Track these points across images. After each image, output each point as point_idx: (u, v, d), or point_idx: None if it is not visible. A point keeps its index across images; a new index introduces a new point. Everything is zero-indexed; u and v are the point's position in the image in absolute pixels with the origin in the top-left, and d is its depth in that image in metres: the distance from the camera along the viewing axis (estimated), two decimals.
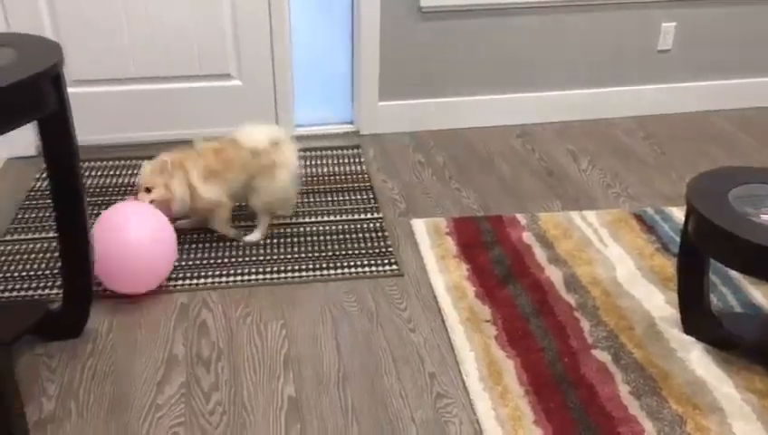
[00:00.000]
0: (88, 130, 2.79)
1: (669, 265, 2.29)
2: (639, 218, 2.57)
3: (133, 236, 2.09)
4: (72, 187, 1.83)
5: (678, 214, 2.57)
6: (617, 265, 2.31)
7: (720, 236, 1.72)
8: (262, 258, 2.36)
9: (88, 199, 2.54)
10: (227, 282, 2.24)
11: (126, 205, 2.20)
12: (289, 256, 2.37)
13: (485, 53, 3.16)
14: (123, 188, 2.75)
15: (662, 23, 3.24)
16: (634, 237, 2.46)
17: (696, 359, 1.92)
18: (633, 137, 3.21)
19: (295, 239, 2.46)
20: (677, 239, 2.34)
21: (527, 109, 3.28)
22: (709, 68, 3.37)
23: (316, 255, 2.38)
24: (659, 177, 2.88)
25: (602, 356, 1.94)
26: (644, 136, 3.22)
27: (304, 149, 3.05)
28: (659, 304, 2.13)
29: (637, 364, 1.91)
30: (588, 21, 3.16)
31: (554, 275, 2.26)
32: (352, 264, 2.34)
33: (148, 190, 2.27)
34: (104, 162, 2.92)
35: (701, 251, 1.86)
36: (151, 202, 2.25)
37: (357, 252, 2.39)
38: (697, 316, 1.99)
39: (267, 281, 2.26)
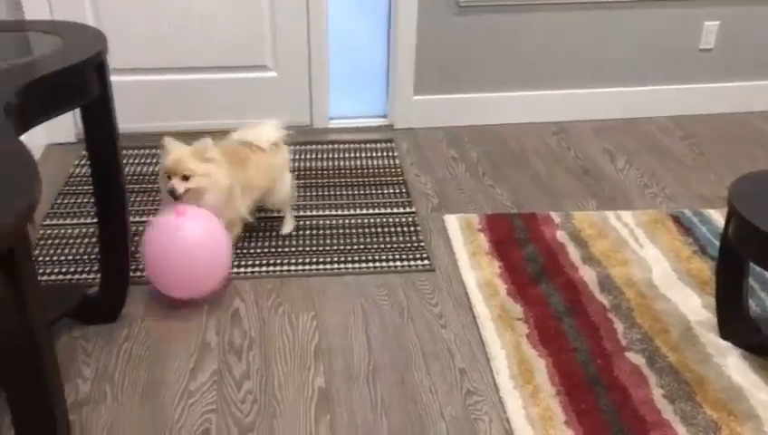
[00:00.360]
0: (127, 118, 2.83)
1: (706, 269, 2.25)
2: (677, 220, 2.52)
3: (195, 249, 2.01)
4: (111, 173, 1.86)
5: (717, 216, 2.52)
6: (653, 267, 2.28)
7: (761, 240, 1.68)
8: (294, 249, 2.37)
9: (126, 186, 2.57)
10: (260, 272, 2.26)
11: (181, 216, 2.02)
12: (321, 248, 2.38)
13: (523, 49, 3.13)
14: (154, 178, 2.78)
15: (705, 21, 3.17)
16: (671, 239, 2.42)
17: (733, 364, 1.89)
18: (672, 136, 3.16)
19: (327, 232, 2.47)
20: (716, 242, 2.30)
21: (564, 106, 3.25)
22: (752, 68, 3.29)
23: (348, 247, 2.38)
24: (698, 178, 2.83)
25: (636, 359, 1.91)
26: (683, 136, 3.16)
27: (337, 142, 3.05)
28: (696, 308, 2.09)
29: (671, 368, 1.88)
30: (629, 18, 3.11)
31: (588, 274, 2.24)
32: (384, 257, 2.34)
33: (186, 178, 2.05)
34: (142, 150, 2.97)
35: (741, 254, 1.83)
36: (185, 191, 2.04)
37: (389, 246, 2.39)
38: (735, 321, 1.95)
39: (299, 272, 2.27)
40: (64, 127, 2.93)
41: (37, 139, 2.86)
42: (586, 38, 3.14)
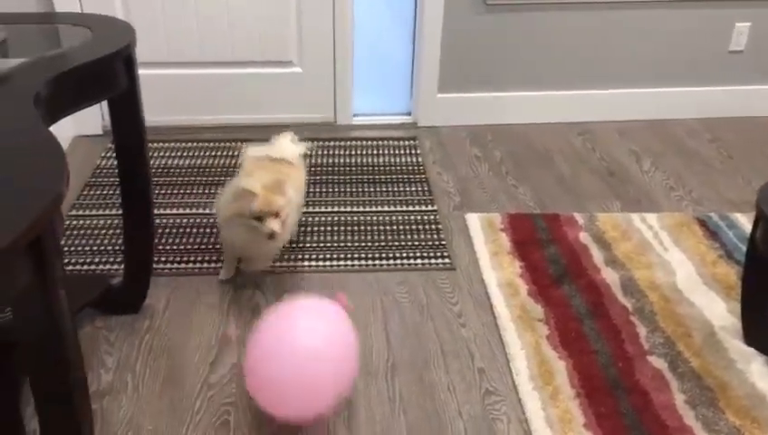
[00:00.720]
0: (153, 111, 2.86)
1: (732, 274, 2.22)
2: (703, 223, 2.49)
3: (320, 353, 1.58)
4: (137, 165, 1.88)
5: (744, 221, 2.48)
6: (677, 271, 2.25)
7: None
8: (315, 245, 2.38)
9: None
10: (280, 267, 2.27)
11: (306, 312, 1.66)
12: (342, 245, 2.38)
13: (549, 49, 3.10)
14: (185, 169, 2.80)
15: (736, 23, 3.12)
16: (696, 243, 2.38)
17: (757, 371, 1.86)
18: (699, 139, 3.11)
19: (349, 228, 2.47)
20: (742, 247, 2.27)
21: (590, 106, 3.22)
22: None
23: (368, 244, 2.38)
24: (725, 181, 2.79)
25: (658, 363, 1.89)
26: (710, 139, 3.12)
27: (361, 139, 3.06)
28: (720, 313, 2.06)
29: (694, 373, 1.85)
30: (657, 18, 3.07)
31: (611, 277, 2.21)
32: (405, 255, 2.33)
33: (278, 215, 1.93)
34: (168, 143, 2.99)
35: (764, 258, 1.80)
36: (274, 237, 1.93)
37: (410, 244, 2.39)
38: (760, 327, 1.92)
39: (320, 268, 2.27)
40: (91, 119, 2.96)
41: (65, 131, 2.90)
42: (614, 38, 3.10)
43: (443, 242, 2.40)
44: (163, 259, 2.27)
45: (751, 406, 1.76)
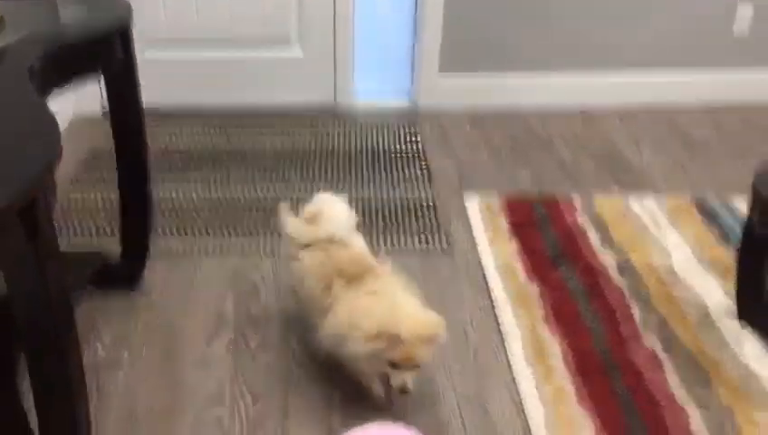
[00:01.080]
0: (150, 93, 2.86)
1: (729, 257, 2.22)
2: (701, 207, 2.49)
3: None
4: (135, 145, 1.89)
5: (742, 204, 2.48)
6: (673, 253, 2.25)
7: None
8: None
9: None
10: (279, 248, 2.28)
11: None
12: None
13: (551, 30, 3.09)
14: (184, 151, 2.81)
15: (738, 6, 3.11)
16: (694, 226, 2.39)
17: (750, 352, 1.86)
18: (700, 124, 3.10)
19: None
20: (740, 231, 2.26)
21: (591, 90, 3.21)
22: None
23: (367, 227, 2.39)
24: (725, 166, 2.78)
25: (652, 343, 1.89)
26: (712, 124, 3.10)
27: (360, 121, 3.05)
28: (716, 295, 2.07)
29: (688, 354, 1.86)
30: (645, 5, 3.05)
31: (608, 259, 2.22)
32: (402, 239, 2.34)
33: (417, 367, 1.61)
34: (165, 127, 2.99)
35: (764, 239, 1.80)
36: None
37: (407, 226, 2.39)
38: (755, 308, 1.92)
39: None
40: (90, 100, 2.96)
41: (64, 111, 2.90)
42: (616, 20, 3.09)
43: (441, 225, 2.40)
44: (162, 238, 2.28)
45: (744, 385, 1.76)
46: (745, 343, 1.90)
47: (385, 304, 1.61)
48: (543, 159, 2.82)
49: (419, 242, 2.32)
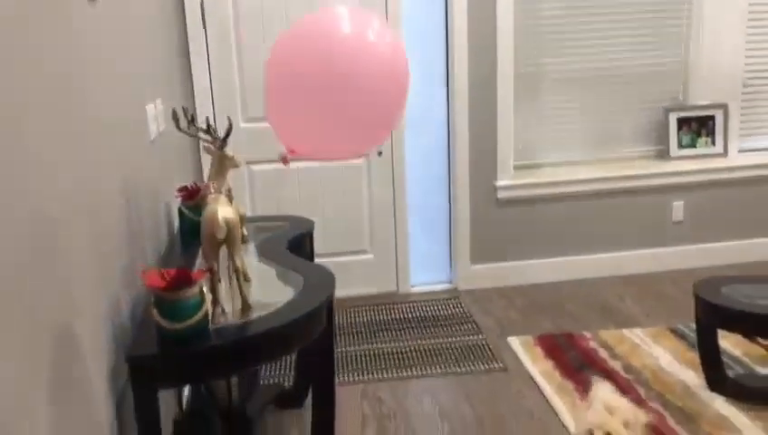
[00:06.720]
0: None
1: (696, 358, 3.25)
2: (674, 331, 3.56)
3: None
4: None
5: None
6: (660, 358, 3.28)
7: (722, 312, 2.74)
8: (395, 364, 3.39)
9: None
10: (393, 376, 3.27)
11: None
12: (414, 362, 3.40)
13: (549, 227, 4.36)
14: None
15: (673, 202, 4.45)
16: (670, 343, 3.44)
17: (719, 404, 2.84)
18: (666, 284, 4.27)
19: (421, 355, 3.50)
20: None
21: (584, 266, 4.40)
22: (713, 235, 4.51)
23: (447, 363, 3.40)
24: (684, 306, 3.90)
25: (655, 406, 2.86)
26: (672, 284, 4.27)
27: (417, 301, 4.17)
28: (691, 378, 3.07)
29: (679, 409, 2.83)
30: (612, 206, 4.39)
31: (616, 365, 3.24)
32: (472, 366, 3.35)
33: None
34: None
35: (709, 326, 2.87)
36: None
37: (473, 359, 3.41)
38: (717, 377, 2.93)
39: (401, 376, 3.27)
40: None
41: None
42: (591, 220, 4.39)
43: (495, 356, 3.43)
44: None
45: (717, 423, 2.72)
46: (715, 400, 2.88)
47: None
48: (557, 313, 3.93)
49: (485, 367, 3.32)
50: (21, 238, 1.32)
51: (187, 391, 2.67)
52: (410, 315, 3.99)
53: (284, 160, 1.68)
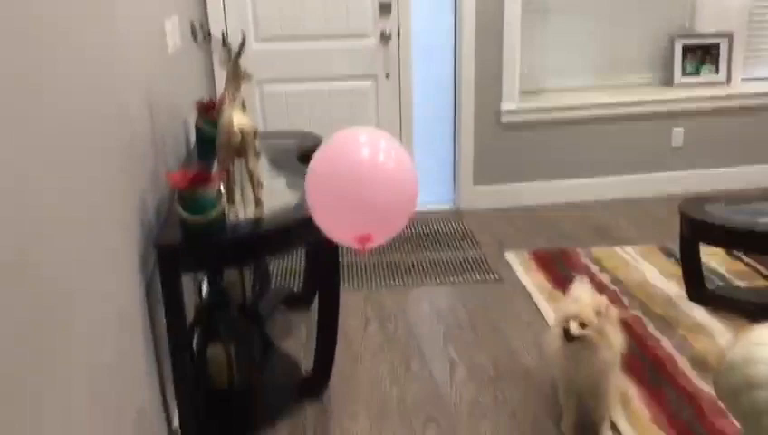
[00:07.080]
0: None
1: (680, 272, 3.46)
2: (662, 249, 3.76)
3: None
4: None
5: None
6: (646, 273, 3.49)
7: (703, 226, 2.93)
8: (394, 270, 3.63)
9: None
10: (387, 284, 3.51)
11: None
12: (415, 273, 3.63)
13: (550, 152, 4.52)
14: None
15: (673, 128, 4.57)
16: (658, 259, 3.65)
17: (697, 313, 3.07)
18: (662, 207, 4.44)
19: (421, 268, 3.73)
20: None
21: (581, 189, 4.58)
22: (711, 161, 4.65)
23: (449, 273, 3.63)
24: (674, 227, 4.08)
25: (637, 313, 3.09)
26: (668, 207, 4.45)
27: (420, 219, 4.39)
28: (674, 289, 3.29)
29: (659, 316, 3.06)
30: (614, 131, 4.52)
31: (604, 277, 3.45)
32: (470, 276, 3.58)
33: (583, 325, 2.13)
34: None
35: (692, 241, 3.06)
36: (572, 339, 2.14)
37: (472, 271, 3.64)
38: (696, 287, 3.15)
39: (402, 284, 3.51)
40: None
41: None
42: (593, 144, 4.53)
43: (492, 268, 3.65)
44: None
45: (692, 328, 2.95)
46: (694, 309, 3.11)
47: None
48: (553, 231, 4.13)
49: (481, 278, 3.55)
50: (72, 136, 1.52)
51: (205, 286, 2.92)
52: (413, 232, 4.21)
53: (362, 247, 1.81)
